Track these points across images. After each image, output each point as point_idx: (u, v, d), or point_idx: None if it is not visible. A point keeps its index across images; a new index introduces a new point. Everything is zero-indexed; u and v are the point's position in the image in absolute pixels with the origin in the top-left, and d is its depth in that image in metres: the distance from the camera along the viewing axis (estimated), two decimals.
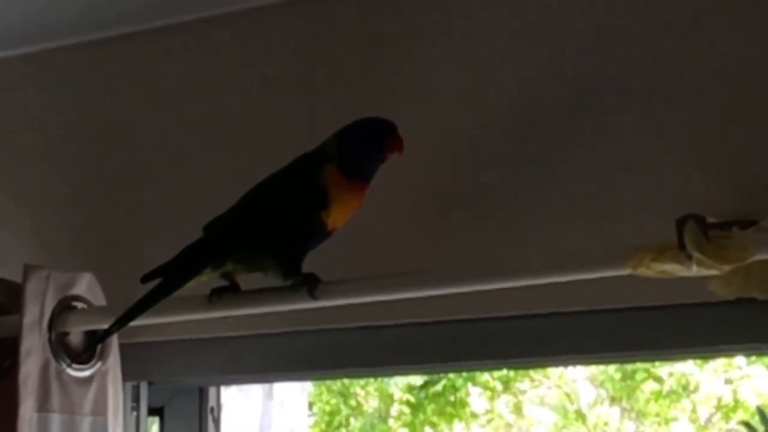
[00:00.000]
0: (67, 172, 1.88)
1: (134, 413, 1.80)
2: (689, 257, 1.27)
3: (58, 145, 1.90)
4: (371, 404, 7.17)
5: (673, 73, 1.49)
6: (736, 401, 6.37)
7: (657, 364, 6.48)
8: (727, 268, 1.27)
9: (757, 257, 1.27)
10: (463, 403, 6.98)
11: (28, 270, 1.59)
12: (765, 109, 1.44)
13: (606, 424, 6.82)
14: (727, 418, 6.48)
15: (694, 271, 1.28)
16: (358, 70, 1.69)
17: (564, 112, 1.54)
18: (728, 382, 6.40)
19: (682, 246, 1.27)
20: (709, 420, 6.53)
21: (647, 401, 6.62)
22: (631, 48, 1.52)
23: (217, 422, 1.85)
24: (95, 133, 1.87)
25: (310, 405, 6.68)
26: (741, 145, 1.45)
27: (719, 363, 6.34)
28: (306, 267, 1.45)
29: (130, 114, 1.85)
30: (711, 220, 1.29)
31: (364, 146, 1.45)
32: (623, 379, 6.67)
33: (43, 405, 1.57)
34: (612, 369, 6.72)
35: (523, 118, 1.57)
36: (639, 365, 6.50)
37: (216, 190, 1.66)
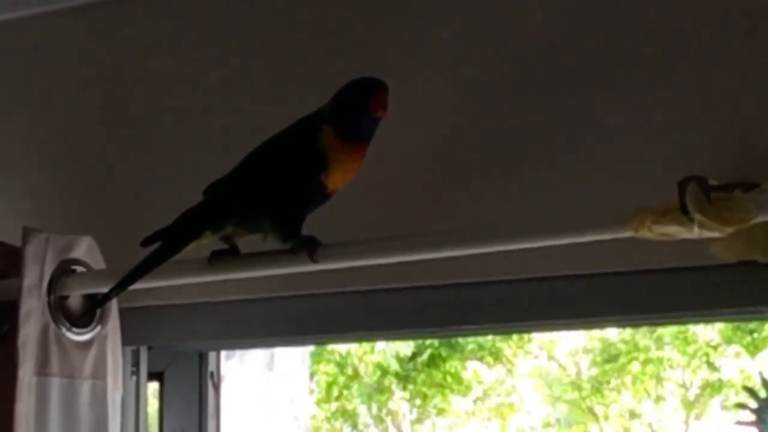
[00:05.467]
0: (65, 136, 1.87)
1: (134, 377, 1.80)
2: (691, 219, 1.26)
3: (55, 108, 1.89)
4: (369, 373, 7.21)
5: (676, 32, 1.48)
6: (720, 381, 6.46)
7: (641, 347, 6.60)
8: (729, 230, 1.27)
9: (760, 219, 1.26)
10: (456, 376, 7.01)
11: (27, 233, 1.58)
12: None
13: (602, 395, 6.87)
14: (711, 396, 6.58)
15: (696, 233, 1.27)
16: (357, 28, 1.68)
17: (565, 72, 1.53)
18: (711, 366, 6.49)
19: (684, 208, 1.26)
20: (696, 400, 6.62)
21: (633, 380, 6.71)
22: (634, 5, 1.50)
23: (216, 387, 1.85)
24: (92, 95, 1.86)
25: (311, 375, 6.70)
26: (744, 107, 1.44)
27: (701, 345, 6.44)
28: (306, 230, 1.45)
29: (129, 76, 1.84)
30: (713, 182, 1.29)
31: (352, 107, 1.43)
32: (609, 361, 6.75)
33: (43, 368, 1.56)
34: (597, 351, 6.82)
35: (524, 77, 1.55)
36: (623, 348, 6.62)
37: (216, 153, 1.65)
